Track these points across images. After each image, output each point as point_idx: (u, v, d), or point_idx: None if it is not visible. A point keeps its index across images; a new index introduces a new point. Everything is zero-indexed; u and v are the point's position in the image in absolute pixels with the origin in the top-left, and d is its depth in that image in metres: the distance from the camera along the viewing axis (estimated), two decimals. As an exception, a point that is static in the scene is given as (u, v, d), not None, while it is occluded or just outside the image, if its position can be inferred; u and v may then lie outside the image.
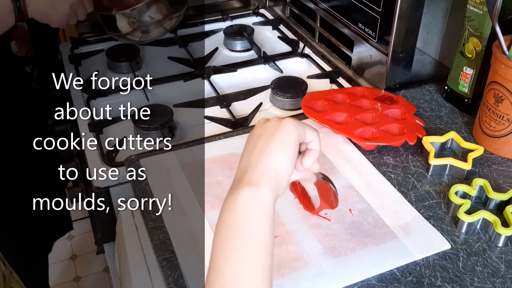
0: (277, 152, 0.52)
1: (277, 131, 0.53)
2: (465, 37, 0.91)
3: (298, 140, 0.54)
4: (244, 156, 0.54)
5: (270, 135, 0.53)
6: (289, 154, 0.52)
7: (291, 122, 0.54)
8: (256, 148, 0.53)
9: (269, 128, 0.54)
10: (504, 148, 0.85)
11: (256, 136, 0.54)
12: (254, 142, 0.54)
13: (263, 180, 0.50)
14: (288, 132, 0.53)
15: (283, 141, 0.52)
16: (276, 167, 0.51)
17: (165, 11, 1.07)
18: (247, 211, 0.48)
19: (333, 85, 1.11)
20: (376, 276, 0.66)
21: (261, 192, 0.49)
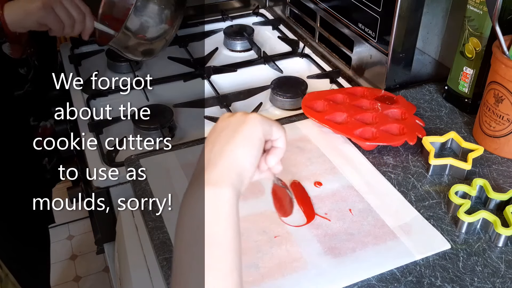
0: (240, 148, 0.49)
1: (241, 126, 0.50)
2: (465, 37, 0.91)
3: (263, 136, 0.50)
4: (206, 151, 0.49)
5: (234, 130, 0.49)
6: (253, 151, 0.49)
7: (257, 117, 0.50)
8: (218, 143, 0.49)
9: (233, 123, 0.50)
10: (504, 148, 0.85)
11: (218, 130, 0.51)
12: (215, 137, 0.50)
13: (223, 178, 0.46)
14: (253, 128, 0.50)
15: (247, 137, 0.49)
16: (238, 164, 0.48)
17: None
18: (208, 213, 0.44)
19: (333, 85, 1.11)
20: (376, 276, 0.66)
21: (222, 191, 0.46)
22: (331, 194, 0.77)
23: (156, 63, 1.20)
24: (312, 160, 0.84)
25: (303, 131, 0.91)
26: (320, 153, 0.86)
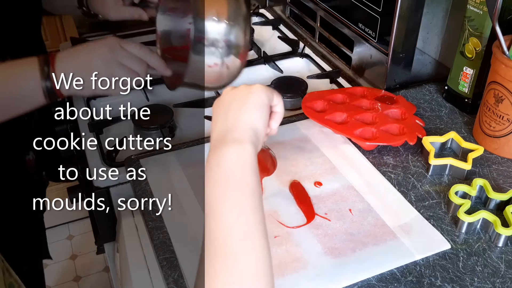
0: (253, 112, 0.55)
1: (249, 95, 0.56)
2: (465, 37, 0.91)
3: (268, 102, 0.57)
4: (219, 119, 0.56)
5: (243, 99, 0.56)
6: (263, 114, 0.56)
7: (261, 87, 0.57)
8: (231, 111, 0.55)
9: (240, 94, 0.57)
10: (504, 148, 0.85)
11: (226, 102, 0.57)
12: (226, 107, 0.56)
13: (245, 137, 0.53)
14: (260, 95, 0.56)
15: (256, 104, 0.56)
16: (254, 125, 0.55)
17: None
18: (237, 164, 0.51)
19: (333, 85, 1.11)
20: (376, 276, 0.66)
21: (245, 147, 0.52)
22: (331, 194, 0.77)
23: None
24: (312, 160, 0.84)
25: (303, 131, 0.91)
26: (320, 153, 0.86)
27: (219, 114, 0.57)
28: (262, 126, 0.56)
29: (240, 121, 0.55)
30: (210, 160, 0.53)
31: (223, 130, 0.54)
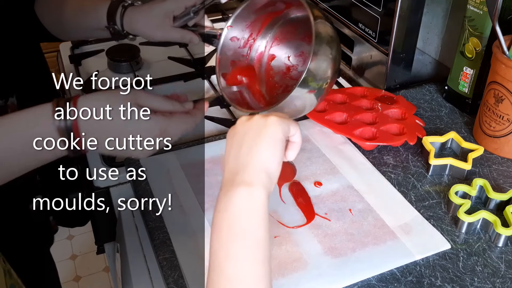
0: (266, 150, 0.52)
1: (264, 129, 0.53)
2: (465, 37, 0.91)
3: (284, 136, 0.54)
4: (231, 155, 0.53)
5: (257, 133, 0.53)
6: (278, 151, 0.53)
7: (276, 119, 0.54)
8: (244, 146, 0.53)
9: (255, 126, 0.54)
10: (504, 148, 0.85)
11: (240, 134, 0.54)
12: (240, 141, 0.54)
13: (255, 179, 0.50)
14: (275, 130, 0.53)
15: (271, 139, 0.53)
16: (267, 165, 0.52)
17: None
18: (243, 210, 0.49)
19: (333, 85, 1.11)
20: (376, 276, 0.66)
21: (255, 191, 0.50)
22: (331, 194, 0.77)
23: (156, 63, 1.20)
24: (312, 160, 0.84)
25: (303, 131, 0.91)
26: (320, 153, 0.86)
27: (232, 149, 0.54)
28: (276, 166, 0.53)
29: (252, 160, 0.52)
30: (218, 203, 0.51)
31: (234, 169, 0.52)
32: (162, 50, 1.24)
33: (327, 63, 0.75)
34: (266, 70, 0.90)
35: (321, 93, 0.76)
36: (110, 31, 0.89)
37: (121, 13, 0.87)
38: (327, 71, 0.75)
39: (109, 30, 0.89)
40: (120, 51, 1.18)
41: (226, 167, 0.53)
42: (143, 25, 0.89)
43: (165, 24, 0.88)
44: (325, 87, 0.77)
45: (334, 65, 0.77)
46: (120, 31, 0.89)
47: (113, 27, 0.89)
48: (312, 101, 0.77)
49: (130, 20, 0.88)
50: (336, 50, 0.77)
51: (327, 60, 0.75)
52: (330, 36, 0.76)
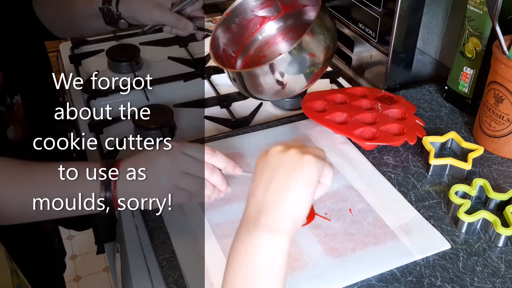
0: (297, 194, 0.49)
1: (298, 169, 0.50)
2: (465, 37, 0.91)
3: (318, 179, 0.51)
4: (259, 188, 0.50)
5: (290, 172, 0.50)
6: (309, 196, 0.50)
7: (312, 160, 0.50)
8: (274, 184, 0.50)
9: (289, 163, 0.50)
10: (504, 148, 0.85)
11: (272, 167, 0.51)
12: (270, 175, 0.50)
13: (281, 226, 0.48)
14: (309, 171, 0.50)
15: (304, 182, 0.49)
16: (295, 211, 0.49)
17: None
18: (264, 257, 0.47)
19: (333, 85, 1.11)
20: (376, 276, 0.66)
21: (279, 238, 0.47)
22: (331, 194, 0.77)
23: (156, 63, 1.20)
24: (312, 160, 0.84)
25: (303, 131, 0.91)
26: (320, 153, 0.85)
27: (261, 182, 0.51)
28: (304, 211, 0.49)
29: (280, 203, 0.49)
30: (238, 241, 0.48)
31: (260, 206, 0.49)
32: (162, 50, 1.24)
33: (320, 44, 0.79)
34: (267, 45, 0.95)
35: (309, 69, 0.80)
36: (104, 11, 0.88)
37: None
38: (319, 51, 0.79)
39: (102, 12, 0.88)
40: (120, 51, 1.18)
41: (251, 198, 0.51)
42: (141, 3, 0.88)
43: (163, 4, 0.88)
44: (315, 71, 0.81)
45: (327, 52, 0.81)
46: (114, 12, 0.88)
47: (108, 8, 0.87)
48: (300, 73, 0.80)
49: (124, 2, 0.87)
50: (332, 40, 0.81)
51: (322, 41, 0.79)
52: (331, 28, 0.81)
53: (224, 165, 0.66)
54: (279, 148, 0.53)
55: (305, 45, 0.78)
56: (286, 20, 0.96)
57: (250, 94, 0.85)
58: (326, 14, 0.82)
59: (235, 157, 0.84)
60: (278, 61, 0.77)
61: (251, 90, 0.83)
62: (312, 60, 0.79)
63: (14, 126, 0.81)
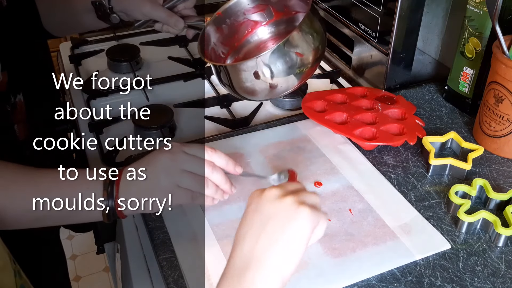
0: (289, 252, 0.47)
1: (293, 221, 0.47)
2: (465, 37, 0.91)
3: (311, 232, 0.49)
4: (248, 234, 0.48)
5: (283, 226, 0.47)
6: (300, 253, 0.48)
7: (308, 214, 0.48)
8: (265, 236, 0.48)
9: (283, 212, 0.48)
10: (504, 148, 0.85)
11: (265, 215, 0.49)
12: (262, 224, 0.48)
13: (268, 283, 0.46)
14: (304, 225, 0.48)
15: (297, 238, 0.47)
16: (284, 270, 0.47)
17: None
18: None
19: (333, 85, 1.11)
20: (376, 276, 0.66)
21: None
22: (331, 194, 0.77)
23: (156, 63, 1.20)
24: (312, 160, 0.84)
25: (303, 131, 0.91)
26: (320, 153, 0.86)
27: (251, 227, 0.49)
28: (293, 269, 0.48)
29: (270, 258, 0.46)
30: (220, 284, 0.47)
31: (248, 258, 0.47)
32: (162, 50, 1.24)
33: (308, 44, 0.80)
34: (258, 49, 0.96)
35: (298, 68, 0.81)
36: (96, 5, 0.88)
37: None
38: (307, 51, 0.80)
39: (94, 6, 0.88)
40: (120, 51, 1.18)
41: (239, 246, 0.49)
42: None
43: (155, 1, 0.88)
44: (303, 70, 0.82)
45: (315, 52, 0.82)
46: (106, 6, 0.88)
47: (100, 1, 0.88)
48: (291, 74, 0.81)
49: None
50: (320, 42, 0.82)
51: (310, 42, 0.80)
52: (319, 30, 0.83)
53: (224, 163, 0.65)
54: (275, 192, 0.50)
55: (292, 42, 0.78)
56: (277, 26, 0.97)
57: (235, 92, 0.86)
58: (315, 16, 0.83)
59: (235, 157, 0.84)
60: (265, 56, 0.77)
61: (237, 87, 0.83)
62: (300, 59, 0.80)
63: (18, 125, 0.81)
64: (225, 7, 0.93)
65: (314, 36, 0.81)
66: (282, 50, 0.78)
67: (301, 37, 0.79)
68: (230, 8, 0.93)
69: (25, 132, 0.82)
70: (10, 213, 0.60)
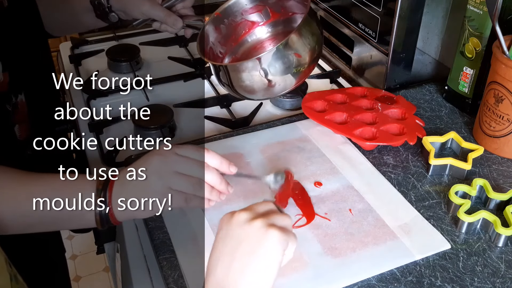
0: (260, 274, 0.48)
1: (262, 245, 0.48)
2: (465, 37, 0.91)
3: (282, 254, 0.50)
4: (220, 261, 0.49)
5: (253, 249, 0.48)
6: (272, 275, 0.49)
7: (277, 237, 0.49)
8: (237, 262, 0.48)
9: (253, 237, 0.49)
10: (504, 148, 0.85)
11: (235, 240, 0.49)
12: (233, 249, 0.49)
13: None
14: (274, 248, 0.49)
15: (268, 259, 0.48)
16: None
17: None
18: None
19: (333, 85, 1.11)
20: (376, 276, 0.66)
21: None
22: (331, 194, 0.77)
23: (156, 63, 1.20)
24: (312, 160, 0.84)
25: (303, 131, 0.91)
26: (320, 153, 0.86)
27: (223, 253, 0.50)
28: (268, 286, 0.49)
29: (243, 282, 0.48)
30: None
31: (222, 282, 0.48)
32: (162, 50, 1.24)
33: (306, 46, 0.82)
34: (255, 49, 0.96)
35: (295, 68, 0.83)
36: (95, 4, 0.88)
37: None
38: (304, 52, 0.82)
39: (93, 5, 0.88)
40: (120, 51, 1.18)
41: (213, 271, 0.49)
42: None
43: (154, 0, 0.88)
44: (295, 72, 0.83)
45: (312, 53, 0.83)
46: (105, 5, 0.88)
47: (99, 0, 0.88)
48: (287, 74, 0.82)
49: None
50: (317, 43, 0.84)
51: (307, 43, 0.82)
52: (316, 31, 0.84)
53: (218, 163, 0.64)
54: (244, 216, 0.51)
55: (291, 44, 0.80)
56: (275, 27, 0.98)
57: (234, 91, 0.86)
58: (313, 19, 0.84)
59: (235, 157, 0.85)
60: (264, 56, 0.79)
61: (236, 86, 0.84)
62: (297, 60, 0.82)
63: (19, 125, 0.81)
64: (223, 6, 0.93)
65: (311, 37, 0.83)
66: (280, 52, 0.80)
67: (299, 39, 0.81)
68: (229, 8, 0.93)
69: (25, 132, 0.82)
70: (7, 216, 0.59)
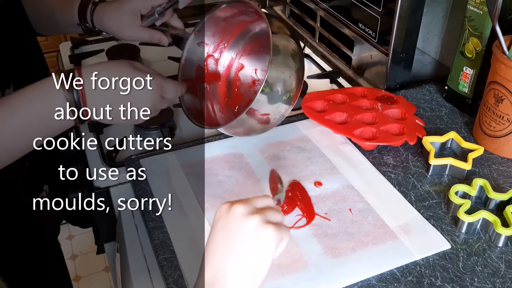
0: (254, 268, 0.50)
1: (258, 243, 0.50)
2: (465, 37, 0.91)
3: (276, 249, 0.51)
4: (217, 255, 0.51)
5: (249, 245, 0.50)
6: (266, 268, 0.51)
7: (273, 234, 0.51)
8: (232, 254, 0.51)
9: (250, 233, 0.51)
10: (504, 148, 0.85)
11: (232, 234, 0.51)
12: (229, 243, 0.51)
13: None
14: (269, 246, 0.51)
15: (262, 256, 0.50)
16: (251, 285, 0.50)
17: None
18: None
19: (333, 85, 1.11)
20: (376, 276, 0.66)
21: None
22: (331, 194, 0.77)
23: (156, 63, 1.20)
24: (312, 160, 0.84)
25: (303, 131, 0.91)
26: (320, 153, 0.86)
27: (220, 245, 0.51)
28: (259, 284, 0.51)
29: (237, 274, 0.50)
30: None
31: (217, 273, 0.50)
32: (162, 50, 1.24)
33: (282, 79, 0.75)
34: (234, 80, 0.90)
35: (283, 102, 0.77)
36: (82, 28, 0.90)
37: (91, 10, 0.87)
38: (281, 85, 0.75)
39: (81, 28, 0.90)
40: (120, 51, 1.18)
41: (210, 260, 0.51)
42: (111, 23, 0.89)
43: (133, 22, 0.88)
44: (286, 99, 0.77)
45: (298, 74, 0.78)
46: (92, 28, 0.90)
47: (85, 25, 0.89)
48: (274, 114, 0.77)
49: (99, 18, 0.88)
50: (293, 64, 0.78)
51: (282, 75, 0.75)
52: (287, 50, 0.77)
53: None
54: (242, 210, 0.52)
55: (272, 80, 0.74)
56: (237, 43, 0.90)
57: (238, 135, 0.84)
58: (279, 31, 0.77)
59: (235, 157, 0.85)
60: (253, 105, 0.73)
61: (237, 133, 0.82)
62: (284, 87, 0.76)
63: None
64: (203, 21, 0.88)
65: (286, 58, 0.77)
66: (265, 93, 0.74)
67: (277, 69, 0.74)
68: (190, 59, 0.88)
69: None
70: None
